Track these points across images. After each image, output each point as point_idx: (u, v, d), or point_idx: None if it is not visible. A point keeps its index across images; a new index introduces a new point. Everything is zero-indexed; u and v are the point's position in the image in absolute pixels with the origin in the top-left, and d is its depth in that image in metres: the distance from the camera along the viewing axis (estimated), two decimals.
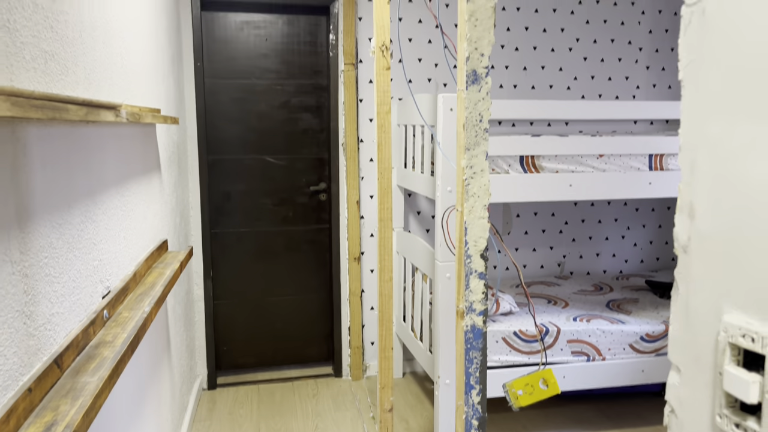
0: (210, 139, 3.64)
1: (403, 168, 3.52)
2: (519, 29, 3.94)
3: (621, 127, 4.12)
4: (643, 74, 4.15)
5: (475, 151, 1.74)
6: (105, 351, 1.41)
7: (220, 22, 3.58)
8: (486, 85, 1.71)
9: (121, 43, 1.97)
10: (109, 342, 1.46)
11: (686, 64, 0.85)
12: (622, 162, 3.06)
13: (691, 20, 0.84)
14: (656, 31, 4.13)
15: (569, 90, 4.05)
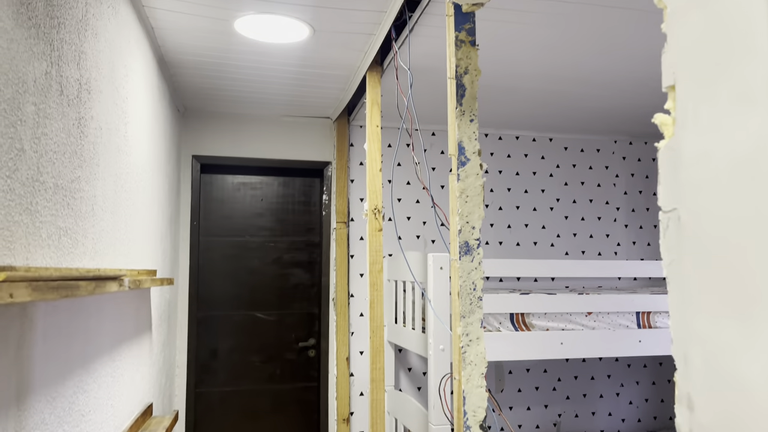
0: (201, 296, 3.65)
1: (394, 323, 3.52)
2: (502, 190, 4.15)
3: (606, 282, 4.21)
4: (623, 232, 4.32)
5: (470, 319, 1.76)
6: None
7: (218, 184, 3.75)
8: (478, 256, 1.78)
9: (126, 211, 2.05)
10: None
11: (668, 263, 0.90)
12: (611, 320, 3.10)
13: (668, 225, 0.91)
14: (631, 192, 4.38)
15: (553, 247, 4.19)
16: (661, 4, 0.93)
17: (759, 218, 0.77)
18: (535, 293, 3.08)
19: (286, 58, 2.87)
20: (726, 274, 0.81)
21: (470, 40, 1.86)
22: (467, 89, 1.87)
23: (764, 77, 0.76)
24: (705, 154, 0.86)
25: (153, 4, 2.32)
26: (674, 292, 0.91)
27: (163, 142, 2.93)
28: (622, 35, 2.60)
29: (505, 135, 4.21)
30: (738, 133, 0.80)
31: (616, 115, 3.84)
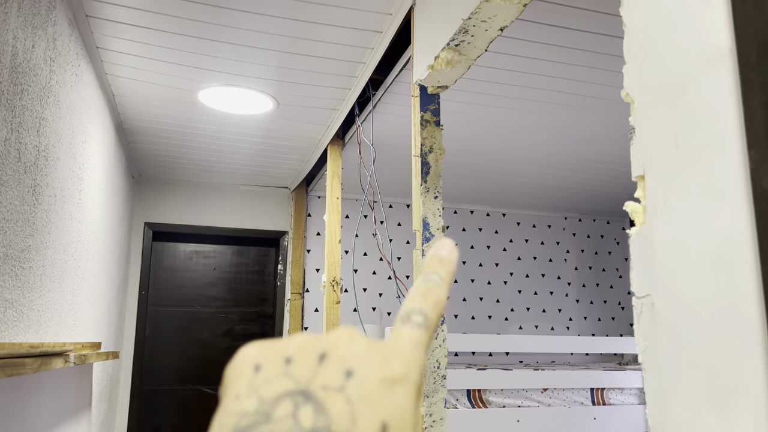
0: (145, 369, 3.45)
1: None
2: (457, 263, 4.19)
3: (559, 357, 4.23)
4: (574, 307, 4.39)
5: (434, 398, 1.72)
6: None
7: (170, 252, 3.64)
8: (442, 333, 1.76)
9: (73, 281, 1.95)
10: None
11: (643, 349, 0.91)
12: (566, 396, 3.09)
13: (642, 311, 0.92)
14: (581, 268, 4.48)
15: (507, 321, 4.21)
16: (629, 98, 0.98)
17: (732, 307, 0.78)
18: (491, 368, 3.06)
19: (248, 129, 2.87)
20: (702, 361, 0.81)
21: (435, 120, 1.91)
22: (432, 167, 1.90)
23: (732, 172, 0.79)
24: (678, 243, 0.89)
25: (115, 72, 2.30)
26: (650, 379, 0.91)
27: (117, 209, 2.84)
28: (574, 120, 2.73)
29: (461, 209, 4.29)
30: (709, 224, 0.82)
31: (566, 193, 3.98)
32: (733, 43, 0.78)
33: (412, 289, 0.29)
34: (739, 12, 0.77)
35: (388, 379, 0.25)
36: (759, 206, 0.72)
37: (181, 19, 1.96)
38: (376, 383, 0.24)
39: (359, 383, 0.24)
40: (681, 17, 0.87)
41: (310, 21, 1.99)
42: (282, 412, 0.23)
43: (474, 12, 1.55)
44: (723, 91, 0.80)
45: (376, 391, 0.24)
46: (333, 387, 0.24)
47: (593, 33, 2.03)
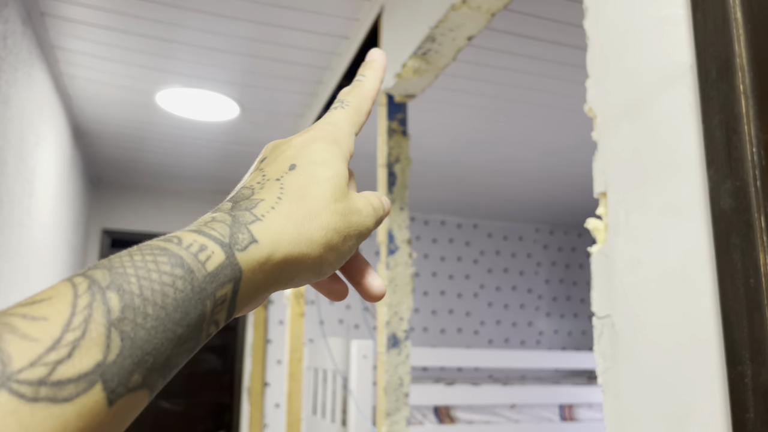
0: None
1: (312, 415, 3.32)
2: (427, 275, 4.15)
3: (529, 372, 4.21)
4: (545, 320, 4.38)
5: (396, 417, 1.67)
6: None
7: None
8: (406, 348, 1.71)
9: (22, 290, 1.86)
10: None
11: (603, 370, 0.88)
12: (534, 412, 3.06)
13: (602, 331, 0.89)
14: (552, 281, 4.48)
15: (477, 334, 4.18)
16: (592, 113, 0.95)
17: (690, 329, 0.75)
18: (459, 384, 3.02)
19: (212, 133, 2.80)
20: (660, 384, 0.78)
21: (402, 130, 1.87)
22: (398, 178, 1.86)
23: (691, 191, 0.76)
24: (638, 262, 0.86)
25: (72, 72, 2.22)
26: (609, 403, 0.87)
27: (71, 215, 2.74)
28: (546, 132, 2.73)
29: (431, 220, 4.26)
30: (668, 244, 0.79)
31: (538, 205, 3.98)
32: (694, 59, 0.76)
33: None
34: (700, 28, 0.75)
35: (308, 137, 0.32)
36: (717, 226, 0.69)
37: (142, 19, 1.90)
38: (287, 151, 0.31)
39: (271, 157, 0.32)
40: (643, 32, 0.85)
41: (275, 24, 1.95)
42: (243, 193, 0.29)
43: (441, 20, 1.52)
44: (683, 109, 0.77)
45: (297, 151, 0.31)
46: (251, 171, 0.32)
47: (564, 45, 2.02)
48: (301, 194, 0.29)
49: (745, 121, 0.69)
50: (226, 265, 0.24)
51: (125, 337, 0.20)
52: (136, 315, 0.21)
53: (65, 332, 0.19)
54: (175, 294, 0.22)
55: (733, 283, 0.68)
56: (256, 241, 0.26)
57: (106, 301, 0.21)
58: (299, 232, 0.27)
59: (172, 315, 0.22)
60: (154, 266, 0.22)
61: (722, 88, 0.71)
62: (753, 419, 0.65)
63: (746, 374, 0.66)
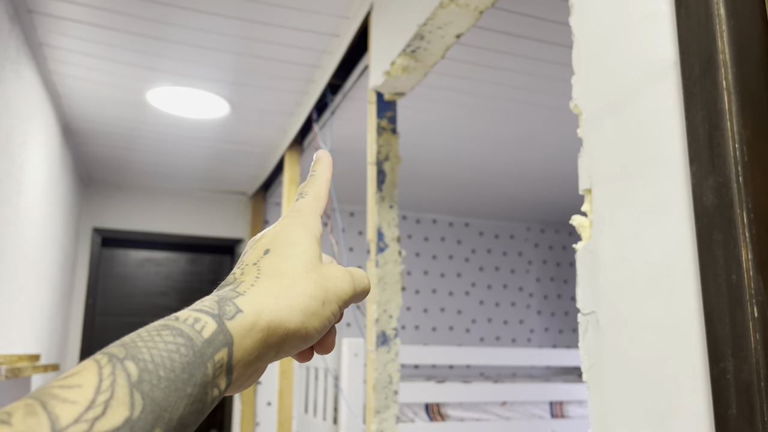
0: None
1: (304, 413, 3.32)
2: (418, 273, 4.15)
3: (520, 370, 4.22)
4: (536, 318, 4.39)
5: (385, 415, 1.67)
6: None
7: (120, 259, 3.51)
8: (395, 346, 1.71)
9: (9, 288, 1.85)
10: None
11: (588, 367, 0.88)
12: (525, 410, 3.07)
13: (587, 328, 0.89)
14: (543, 279, 4.49)
15: (468, 332, 4.18)
16: (577, 110, 0.95)
17: (673, 326, 0.75)
18: (450, 381, 3.02)
19: (202, 132, 2.79)
20: (644, 381, 0.78)
21: (391, 128, 1.87)
22: (387, 175, 1.86)
23: (674, 187, 0.76)
24: (623, 259, 0.86)
25: (61, 70, 2.20)
26: (594, 399, 0.88)
27: (61, 213, 2.73)
28: (536, 130, 2.73)
29: (423, 218, 4.26)
30: (652, 240, 0.79)
31: (529, 203, 3.99)
32: (677, 56, 0.76)
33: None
34: (684, 25, 0.75)
35: (279, 226, 0.36)
36: (700, 223, 0.69)
37: (131, 17, 1.89)
38: (271, 236, 0.36)
39: (254, 247, 0.36)
40: (628, 29, 0.85)
41: (265, 23, 1.94)
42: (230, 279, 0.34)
43: (429, 18, 1.52)
44: (667, 105, 0.77)
45: (270, 239, 0.36)
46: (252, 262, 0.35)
47: (553, 43, 2.03)
48: (277, 271, 0.33)
49: (728, 118, 0.69)
50: (218, 332, 0.29)
51: (145, 396, 0.25)
52: (152, 377, 0.25)
53: (97, 395, 0.23)
54: (180, 358, 0.27)
55: (716, 280, 0.68)
56: (241, 311, 0.30)
57: (125, 368, 0.25)
58: (278, 300, 0.32)
59: (181, 376, 0.26)
60: (159, 338, 0.27)
61: (705, 85, 0.71)
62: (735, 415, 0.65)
63: (728, 370, 0.66)
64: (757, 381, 0.64)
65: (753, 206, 0.67)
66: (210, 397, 0.28)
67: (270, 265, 0.33)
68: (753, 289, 0.65)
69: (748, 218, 0.67)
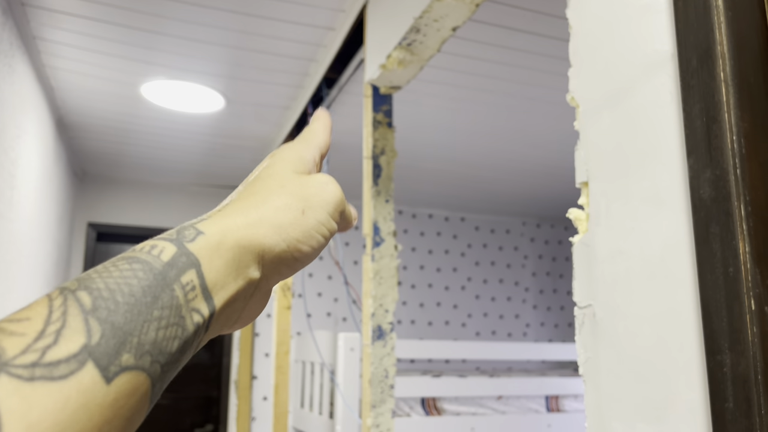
0: None
1: (300, 408, 3.32)
2: (414, 268, 4.15)
3: (516, 364, 4.23)
4: (531, 313, 4.40)
5: (381, 409, 1.67)
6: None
7: (115, 253, 3.50)
8: (391, 341, 1.71)
9: (3, 283, 1.84)
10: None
11: (584, 361, 0.88)
12: (521, 404, 3.07)
13: (584, 321, 0.89)
14: (539, 273, 4.50)
15: (464, 327, 4.19)
16: (574, 102, 0.95)
17: (670, 319, 0.75)
18: (446, 375, 3.02)
19: (197, 126, 2.78)
20: (641, 374, 0.78)
21: (387, 121, 1.86)
22: (383, 170, 1.85)
23: (673, 180, 0.76)
24: (619, 252, 0.85)
25: (55, 64, 2.19)
26: (590, 393, 0.87)
27: (56, 208, 2.71)
28: (533, 125, 2.72)
29: (419, 213, 4.26)
30: (649, 234, 0.79)
31: (525, 198, 3.99)
32: (675, 48, 0.75)
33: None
34: (681, 16, 0.75)
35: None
36: (697, 215, 0.69)
37: (126, 10, 1.87)
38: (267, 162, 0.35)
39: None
40: (625, 21, 0.84)
41: (260, 16, 1.93)
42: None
43: (425, 11, 1.51)
44: (664, 97, 0.77)
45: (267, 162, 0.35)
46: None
47: (550, 37, 2.02)
48: (248, 192, 0.31)
49: (726, 110, 0.68)
50: (179, 254, 0.27)
51: (103, 322, 0.23)
52: (108, 304, 0.24)
53: (47, 325, 0.22)
54: (139, 282, 0.25)
55: (713, 273, 0.68)
56: (202, 233, 0.28)
57: (78, 298, 0.23)
58: (247, 218, 0.29)
59: (142, 299, 0.25)
60: (114, 268, 0.25)
61: (703, 77, 0.71)
62: (732, 409, 0.65)
63: (725, 364, 0.66)
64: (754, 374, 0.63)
65: (750, 199, 0.67)
66: (191, 323, 0.26)
67: (244, 191, 0.32)
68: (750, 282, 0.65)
69: (745, 211, 0.66)
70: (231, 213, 0.30)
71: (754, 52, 0.70)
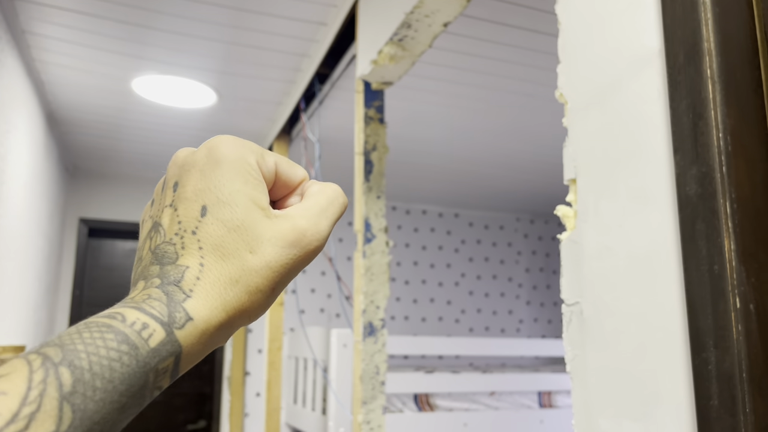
0: None
1: (293, 404, 3.32)
2: (408, 264, 4.14)
3: (509, 360, 4.24)
4: (525, 309, 4.41)
5: (372, 405, 1.67)
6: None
7: (107, 249, 3.48)
8: (382, 337, 1.71)
9: None
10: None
11: (571, 358, 0.88)
12: (513, 399, 3.08)
13: (571, 319, 0.88)
14: (532, 269, 4.50)
15: (458, 323, 4.19)
16: (563, 99, 0.94)
17: (656, 316, 0.75)
18: (439, 371, 3.03)
19: (189, 121, 2.77)
20: (627, 371, 0.78)
21: (379, 117, 1.86)
22: (375, 166, 1.84)
23: (659, 177, 0.76)
24: (607, 249, 0.85)
25: (45, 58, 2.17)
26: (577, 390, 0.87)
27: (46, 204, 2.70)
28: (526, 121, 2.72)
29: (413, 209, 4.26)
30: (636, 230, 0.79)
31: (518, 194, 3.99)
32: (662, 44, 0.75)
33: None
34: (669, 12, 0.74)
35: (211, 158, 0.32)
36: (683, 213, 0.69)
37: (116, 4, 1.86)
38: (194, 181, 0.31)
39: (181, 190, 0.31)
40: (613, 17, 0.84)
41: (252, 11, 1.91)
42: (144, 251, 0.31)
43: (416, 6, 1.50)
44: (651, 94, 0.77)
45: (196, 180, 0.31)
46: (167, 205, 0.31)
47: (542, 33, 2.01)
48: (221, 253, 0.30)
49: (712, 107, 0.68)
50: (167, 342, 0.27)
51: (76, 410, 0.23)
52: (86, 389, 0.23)
53: (22, 406, 0.22)
54: (121, 368, 0.25)
55: (698, 270, 0.68)
56: (191, 319, 0.28)
57: (58, 376, 0.23)
58: (226, 299, 0.29)
59: (119, 387, 0.24)
60: (102, 342, 0.25)
61: (689, 73, 0.70)
62: (716, 406, 0.65)
63: (710, 361, 0.66)
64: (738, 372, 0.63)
65: (736, 196, 0.67)
66: (147, 400, 0.27)
67: (211, 240, 0.30)
68: (735, 280, 0.65)
69: (731, 208, 0.66)
70: (211, 292, 0.29)
71: (741, 49, 0.70)
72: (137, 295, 0.28)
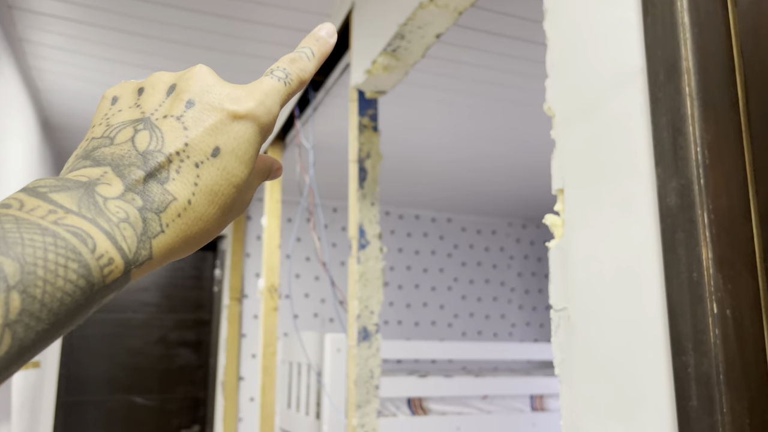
0: (71, 379, 3.30)
1: (287, 408, 3.34)
2: (401, 268, 4.17)
3: (502, 364, 4.28)
4: (517, 313, 4.45)
5: (367, 409, 1.69)
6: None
7: None
8: (376, 342, 1.73)
9: None
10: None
11: (559, 362, 0.91)
12: (506, 403, 3.11)
13: (559, 324, 0.92)
14: (524, 274, 4.54)
15: (450, 327, 4.22)
16: (551, 112, 0.98)
17: (638, 322, 0.78)
18: (432, 375, 3.06)
19: None
20: (612, 374, 0.81)
21: (373, 125, 1.89)
22: (369, 173, 1.88)
23: (643, 188, 0.79)
24: (592, 257, 0.89)
25: (41, 66, 2.19)
26: (565, 392, 0.91)
27: None
28: (518, 127, 2.76)
29: (406, 214, 4.29)
30: (620, 240, 0.82)
31: (510, 199, 4.03)
32: (644, 62, 0.79)
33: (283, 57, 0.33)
34: (650, 32, 0.78)
35: (232, 112, 0.29)
36: (664, 223, 0.72)
37: (112, 13, 1.88)
38: (218, 114, 0.29)
39: (199, 112, 0.29)
40: (598, 35, 0.88)
41: (245, 20, 1.94)
42: (122, 137, 0.28)
43: (410, 18, 1.54)
44: (634, 109, 0.80)
45: (217, 121, 0.29)
46: (172, 115, 0.29)
47: (532, 42, 2.06)
48: (210, 199, 0.29)
49: (691, 122, 0.72)
50: (121, 279, 0.25)
51: (15, 338, 0.22)
52: (31, 319, 0.22)
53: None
54: (71, 303, 0.23)
55: (678, 277, 0.71)
56: (150, 258, 0.27)
57: (8, 302, 0.21)
58: (188, 234, 0.28)
59: (63, 321, 0.23)
60: (63, 272, 0.23)
61: (669, 90, 0.74)
62: (696, 407, 0.68)
63: (689, 364, 0.69)
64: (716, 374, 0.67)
65: (713, 207, 0.70)
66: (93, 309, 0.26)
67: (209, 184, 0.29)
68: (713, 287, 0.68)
69: (708, 219, 0.70)
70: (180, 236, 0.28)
71: (718, 67, 0.74)
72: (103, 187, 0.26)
